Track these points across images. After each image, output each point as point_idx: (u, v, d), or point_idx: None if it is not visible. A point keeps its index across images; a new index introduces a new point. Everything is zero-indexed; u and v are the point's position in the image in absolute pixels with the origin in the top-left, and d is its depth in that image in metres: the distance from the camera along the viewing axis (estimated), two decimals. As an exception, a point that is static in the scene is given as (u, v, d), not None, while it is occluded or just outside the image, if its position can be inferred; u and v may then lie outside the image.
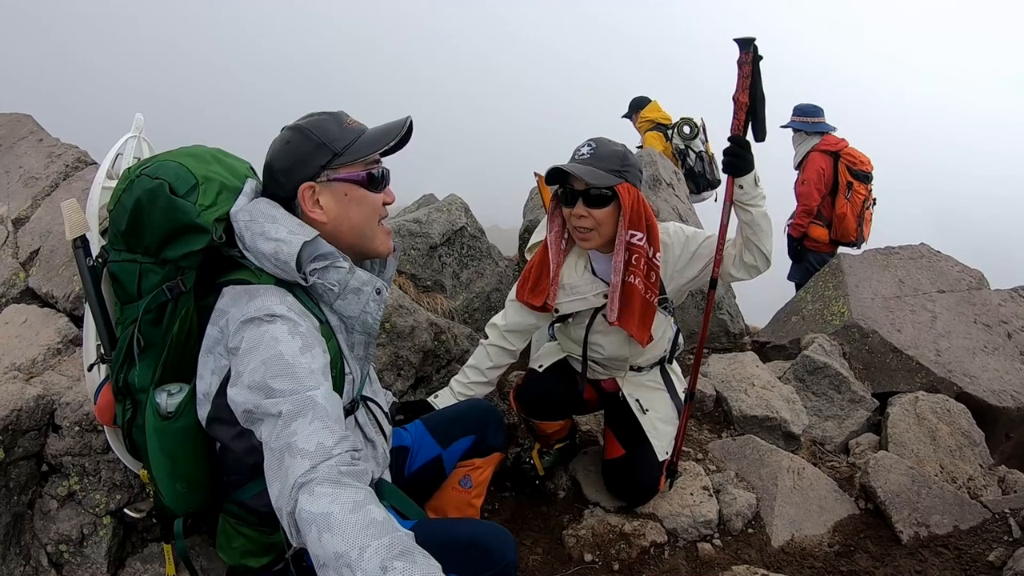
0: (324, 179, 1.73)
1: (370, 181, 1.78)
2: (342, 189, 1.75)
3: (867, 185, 5.85)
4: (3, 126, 4.06)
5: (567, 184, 2.55)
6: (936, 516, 3.12)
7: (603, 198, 2.50)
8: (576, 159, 2.53)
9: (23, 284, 3.12)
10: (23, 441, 2.33)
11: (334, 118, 1.78)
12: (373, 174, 1.78)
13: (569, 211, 2.57)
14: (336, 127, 1.76)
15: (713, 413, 3.96)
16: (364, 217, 1.79)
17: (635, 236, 2.53)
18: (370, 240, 1.82)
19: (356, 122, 1.81)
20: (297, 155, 1.73)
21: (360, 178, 1.76)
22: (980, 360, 4.49)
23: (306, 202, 1.73)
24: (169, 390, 1.69)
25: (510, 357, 2.90)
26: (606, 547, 2.88)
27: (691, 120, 6.59)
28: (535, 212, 4.91)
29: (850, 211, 5.82)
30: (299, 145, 1.74)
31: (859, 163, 5.82)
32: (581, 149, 2.55)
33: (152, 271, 1.67)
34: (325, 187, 1.74)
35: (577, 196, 2.52)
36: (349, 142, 1.75)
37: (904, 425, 3.78)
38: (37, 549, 2.36)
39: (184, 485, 1.73)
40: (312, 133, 1.73)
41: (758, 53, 2.41)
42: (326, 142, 1.73)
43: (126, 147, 2.00)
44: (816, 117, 5.94)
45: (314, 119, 1.77)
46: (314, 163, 1.73)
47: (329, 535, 1.24)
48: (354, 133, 1.77)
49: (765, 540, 3.00)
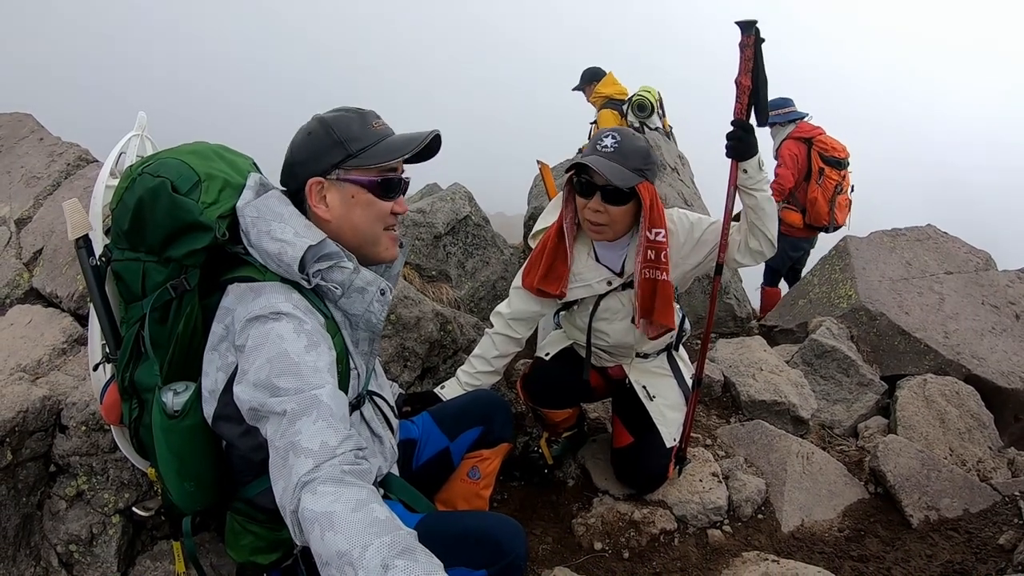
0: (334, 177, 1.72)
1: (381, 187, 1.75)
2: (350, 191, 1.73)
3: (840, 171, 5.97)
4: (4, 126, 4.05)
5: (585, 175, 2.49)
6: (946, 499, 3.11)
7: (622, 195, 2.45)
8: (599, 151, 2.45)
9: (27, 284, 3.11)
10: (30, 442, 2.33)
11: (361, 117, 1.75)
12: (386, 180, 1.76)
13: (584, 202, 2.51)
14: (359, 127, 1.73)
15: (721, 398, 3.96)
16: (367, 222, 1.76)
17: (658, 234, 2.49)
18: (371, 246, 1.80)
19: (383, 125, 1.78)
20: (314, 149, 1.72)
21: (370, 183, 1.74)
22: (988, 341, 4.47)
23: (312, 196, 1.72)
24: (175, 389, 1.68)
25: (516, 345, 2.88)
26: (616, 535, 2.88)
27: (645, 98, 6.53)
28: (539, 199, 4.89)
29: (821, 196, 5.94)
30: (318, 139, 1.72)
31: (831, 150, 5.93)
32: (604, 141, 2.46)
33: (156, 269, 1.66)
34: (334, 185, 1.72)
35: (595, 189, 2.46)
36: (367, 145, 1.72)
37: (913, 408, 3.76)
38: (47, 549, 2.37)
39: (192, 483, 1.73)
40: (333, 129, 1.71)
41: (760, 36, 2.38)
42: (344, 140, 1.71)
43: (129, 145, 1.98)
44: (786, 108, 6.05)
45: (340, 115, 1.75)
46: (328, 160, 1.71)
47: (332, 534, 1.24)
48: (376, 136, 1.74)
49: (775, 526, 2.99)
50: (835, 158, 5.90)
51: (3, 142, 3.94)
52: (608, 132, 2.50)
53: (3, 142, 3.94)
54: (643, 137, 2.52)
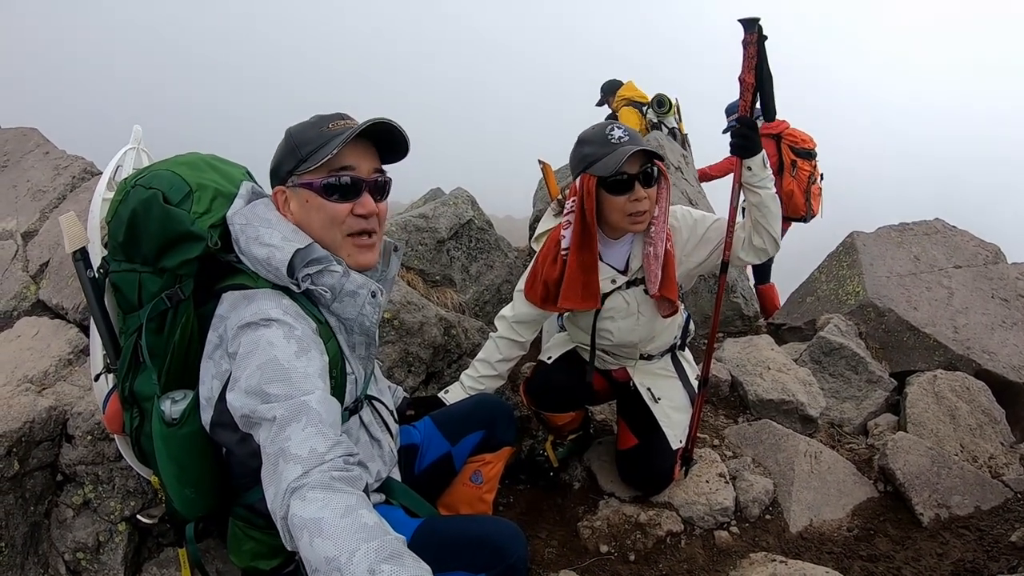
0: (291, 184, 1.73)
1: (325, 189, 1.69)
2: (304, 195, 1.71)
3: (811, 162, 6.10)
4: (9, 140, 4.10)
5: (619, 173, 2.41)
6: (957, 497, 3.08)
7: (652, 177, 2.48)
8: (620, 143, 2.43)
9: (34, 297, 3.15)
10: (37, 452, 2.36)
11: (320, 121, 1.74)
12: (331, 182, 1.69)
13: (622, 200, 2.46)
14: (315, 131, 1.71)
15: (728, 398, 3.93)
16: (323, 226, 1.72)
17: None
18: (334, 250, 1.75)
19: (342, 125, 1.72)
20: (277, 158, 1.75)
21: (315, 185, 1.70)
22: (999, 336, 4.42)
23: (280, 206, 1.75)
24: (173, 397, 1.70)
25: (520, 349, 2.88)
26: (622, 538, 2.87)
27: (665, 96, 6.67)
28: (544, 201, 4.88)
29: (797, 187, 6.07)
30: (280, 149, 1.75)
31: (801, 142, 6.06)
32: (614, 134, 2.45)
33: (151, 280, 1.68)
34: (292, 192, 1.73)
35: (633, 180, 2.44)
36: (316, 147, 1.69)
37: (923, 404, 3.73)
38: (55, 557, 2.39)
39: (192, 490, 1.75)
40: (292, 137, 1.73)
41: (763, 33, 2.38)
42: (297, 145, 1.71)
43: (125, 159, 2.01)
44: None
45: (304, 123, 1.76)
46: (285, 167, 1.73)
47: (320, 540, 1.25)
48: (326, 137, 1.69)
49: (783, 526, 2.97)
50: (805, 149, 6.05)
51: (9, 157, 3.99)
52: (611, 126, 2.50)
53: (9, 157, 3.99)
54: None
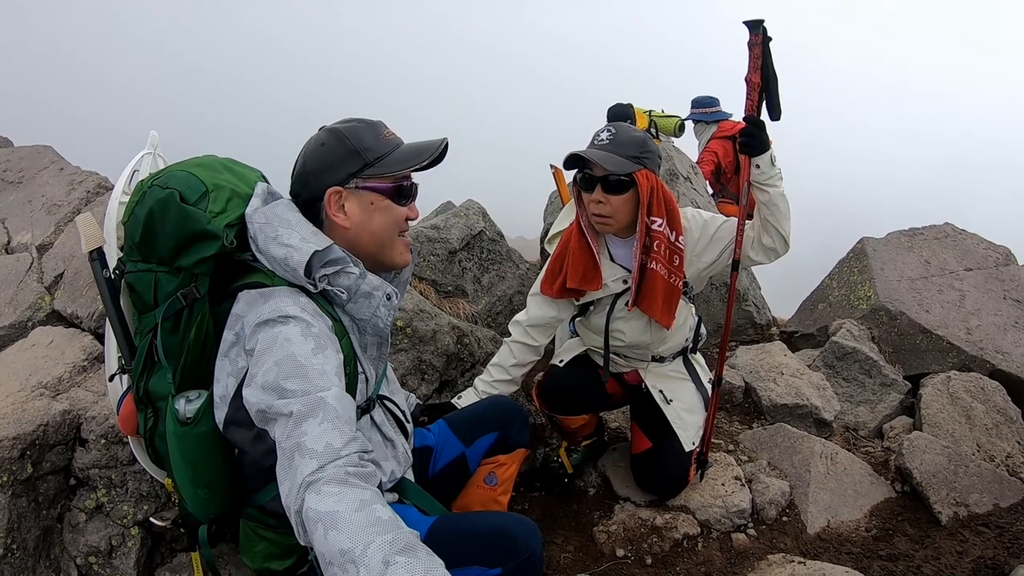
0: (352, 186, 1.75)
1: (397, 193, 1.79)
2: (368, 198, 1.76)
3: None
4: (25, 158, 4.16)
5: (586, 169, 2.54)
6: (975, 495, 3.05)
7: (621, 184, 2.49)
8: (595, 144, 2.52)
9: (48, 307, 3.18)
10: (50, 456, 2.37)
11: (371, 128, 1.80)
12: (401, 186, 1.80)
13: (588, 196, 2.56)
14: (372, 137, 1.77)
15: (743, 404, 3.91)
16: (385, 227, 1.80)
17: (655, 222, 2.53)
18: (388, 250, 1.83)
19: (392, 135, 1.82)
20: (330, 158, 1.75)
21: (388, 189, 1.78)
22: (1012, 336, 4.39)
23: (331, 206, 1.75)
24: (188, 396, 1.70)
25: (534, 354, 2.88)
26: (638, 541, 2.85)
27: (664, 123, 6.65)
28: (554, 216, 4.89)
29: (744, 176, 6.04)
30: (333, 149, 1.75)
31: None
32: (600, 135, 2.54)
33: (167, 279, 1.69)
34: (352, 193, 1.75)
35: (595, 182, 2.51)
36: (382, 154, 1.76)
37: (938, 406, 3.70)
38: (67, 562, 2.39)
39: (206, 491, 1.74)
40: (347, 139, 1.75)
41: (767, 34, 2.42)
42: (359, 150, 1.74)
43: (142, 163, 2.03)
44: (713, 107, 6.27)
45: (351, 125, 1.79)
46: (345, 169, 1.74)
47: (335, 533, 1.25)
48: (389, 146, 1.78)
49: (800, 527, 2.94)
50: None
51: (24, 173, 4.04)
52: (605, 127, 2.56)
53: (24, 173, 4.04)
54: (640, 129, 2.56)
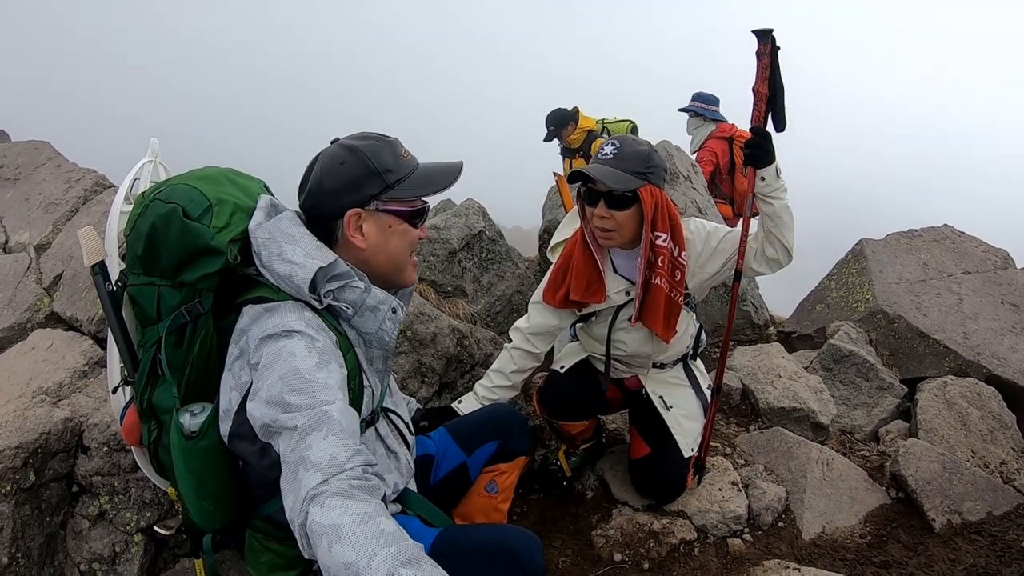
0: (372, 208, 1.74)
1: (414, 215, 1.81)
2: (387, 220, 1.76)
3: None
4: (22, 154, 4.13)
5: (590, 183, 2.53)
6: (969, 503, 3.08)
7: (625, 200, 2.48)
8: (599, 160, 2.51)
9: (48, 309, 3.17)
10: (53, 463, 2.37)
11: (390, 147, 1.78)
12: (418, 210, 1.82)
13: (591, 210, 2.55)
14: (392, 158, 1.76)
15: (740, 406, 3.93)
16: (401, 250, 1.81)
17: (659, 237, 2.52)
18: (401, 270, 1.85)
19: (410, 155, 1.82)
20: (350, 178, 1.72)
21: (406, 213, 1.78)
22: (1009, 341, 4.41)
23: (350, 227, 1.73)
24: (192, 410, 1.70)
25: (534, 360, 2.88)
26: (636, 546, 2.87)
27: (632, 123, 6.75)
28: (554, 212, 4.89)
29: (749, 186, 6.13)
30: (354, 168, 1.72)
31: None
32: (604, 149, 2.52)
33: (170, 293, 1.68)
34: (371, 215, 1.75)
35: (599, 197, 2.51)
36: (403, 176, 1.76)
37: (934, 411, 3.72)
38: (71, 568, 2.40)
39: (211, 503, 1.75)
40: (369, 160, 1.73)
41: (776, 44, 2.40)
42: (381, 171, 1.73)
43: (142, 172, 2.01)
44: (715, 106, 6.33)
45: (371, 144, 1.77)
46: (367, 191, 1.73)
47: (339, 545, 1.25)
48: (408, 167, 1.78)
49: (796, 533, 2.97)
50: None
51: (21, 170, 4.01)
52: (609, 140, 2.54)
53: (21, 170, 4.01)
54: (646, 142, 2.55)
